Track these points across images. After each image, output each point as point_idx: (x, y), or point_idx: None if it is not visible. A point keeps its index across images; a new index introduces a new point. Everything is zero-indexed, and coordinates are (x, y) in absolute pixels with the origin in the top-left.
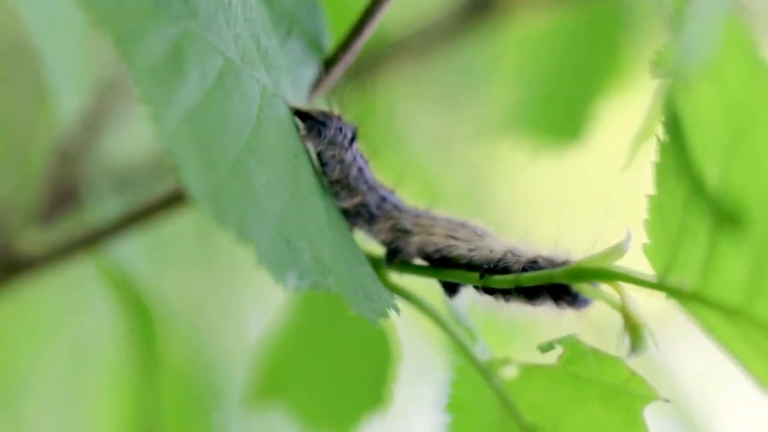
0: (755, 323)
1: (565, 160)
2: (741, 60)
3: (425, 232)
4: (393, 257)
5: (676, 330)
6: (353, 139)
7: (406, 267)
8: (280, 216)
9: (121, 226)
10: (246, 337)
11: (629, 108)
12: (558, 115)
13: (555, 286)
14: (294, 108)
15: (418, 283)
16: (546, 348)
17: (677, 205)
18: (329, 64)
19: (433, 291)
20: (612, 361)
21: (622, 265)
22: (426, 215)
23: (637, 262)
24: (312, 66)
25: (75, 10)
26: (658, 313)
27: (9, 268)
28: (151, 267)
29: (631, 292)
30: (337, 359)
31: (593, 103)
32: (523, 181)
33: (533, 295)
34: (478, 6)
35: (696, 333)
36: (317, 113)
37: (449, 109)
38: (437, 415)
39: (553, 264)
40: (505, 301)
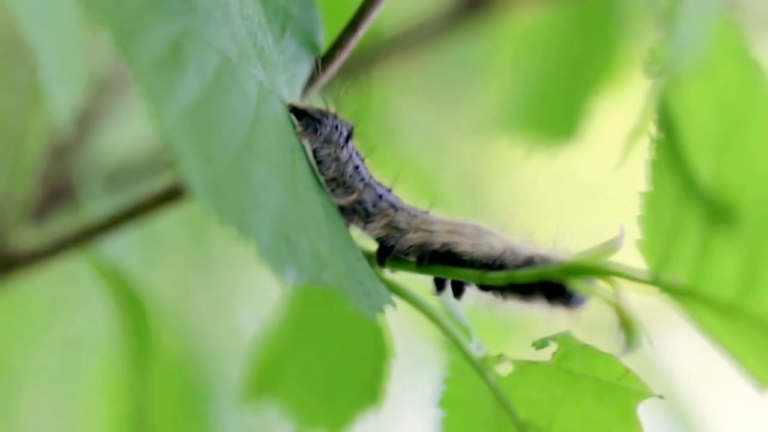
0: (749, 319)
1: (560, 157)
2: (733, 58)
3: (422, 230)
4: (384, 255)
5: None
6: (349, 137)
7: (398, 264)
8: (278, 211)
9: (115, 221)
10: (240, 333)
11: (623, 105)
12: (553, 113)
13: (548, 284)
14: (291, 105)
15: (409, 279)
16: (540, 345)
17: (670, 202)
18: (324, 61)
19: (428, 287)
20: (606, 358)
21: (615, 262)
22: (422, 215)
23: (632, 258)
24: (307, 63)
25: (69, 7)
26: (652, 309)
27: (2, 264)
28: (145, 262)
29: (626, 288)
30: (332, 355)
31: (588, 100)
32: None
33: (527, 293)
34: (472, 3)
35: (689, 329)
36: (313, 111)
37: (444, 106)
38: (431, 411)
39: (548, 262)
40: (503, 299)
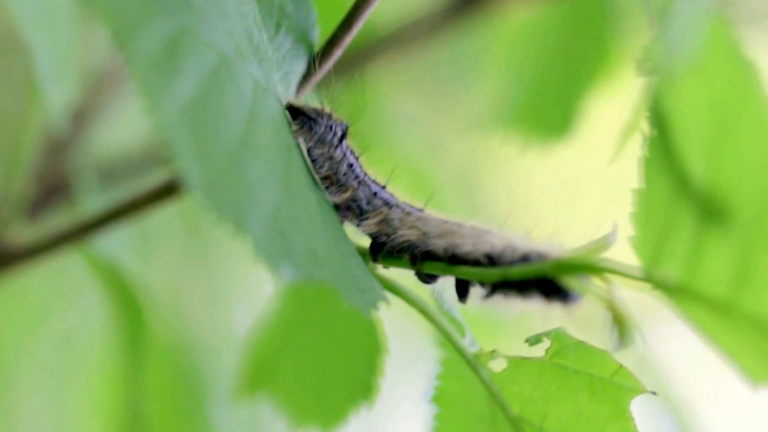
0: (741, 316)
1: (553, 153)
2: (725, 56)
3: (416, 227)
4: (377, 251)
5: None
6: (343, 137)
7: (391, 260)
8: (274, 208)
9: (110, 217)
10: (234, 327)
11: (616, 102)
12: (546, 109)
13: (543, 280)
14: (287, 104)
15: (403, 276)
16: (534, 341)
17: (663, 199)
18: (319, 58)
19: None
20: (599, 354)
21: (608, 258)
22: (416, 212)
23: (625, 255)
24: (302, 60)
25: (65, 3)
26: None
27: None
28: (140, 258)
29: (618, 284)
30: (325, 351)
31: (581, 98)
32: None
33: (524, 290)
34: (466, 0)
35: (682, 324)
36: (309, 110)
37: (439, 102)
38: (425, 407)
39: (544, 258)
40: (504, 297)
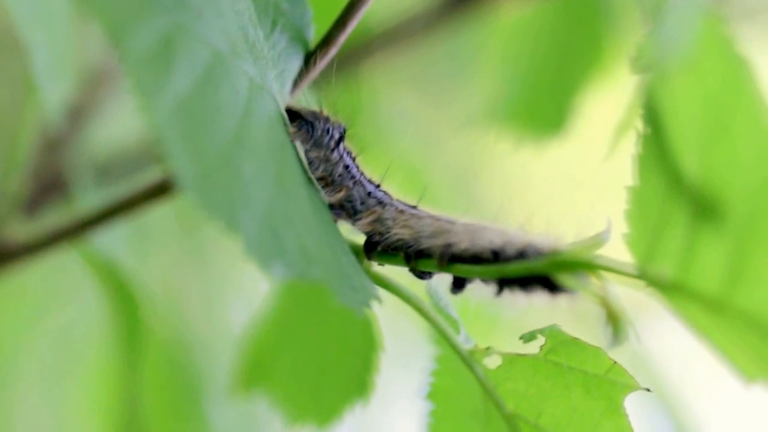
0: (734, 313)
1: (548, 150)
2: (719, 53)
3: (409, 226)
4: (371, 249)
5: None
6: (341, 139)
7: (385, 257)
8: (267, 206)
9: (106, 214)
10: (230, 324)
11: (611, 99)
12: (541, 106)
13: (540, 276)
14: (286, 107)
15: (398, 272)
16: (528, 338)
17: (657, 196)
18: (314, 56)
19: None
20: (593, 351)
21: (602, 255)
22: (410, 210)
23: (619, 252)
24: (297, 58)
25: (61, 1)
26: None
27: None
28: (136, 255)
29: (612, 281)
30: (321, 348)
31: (576, 94)
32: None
33: (526, 285)
34: None
35: (675, 322)
36: (307, 113)
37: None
38: (420, 403)
39: (540, 252)
40: (510, 292)
